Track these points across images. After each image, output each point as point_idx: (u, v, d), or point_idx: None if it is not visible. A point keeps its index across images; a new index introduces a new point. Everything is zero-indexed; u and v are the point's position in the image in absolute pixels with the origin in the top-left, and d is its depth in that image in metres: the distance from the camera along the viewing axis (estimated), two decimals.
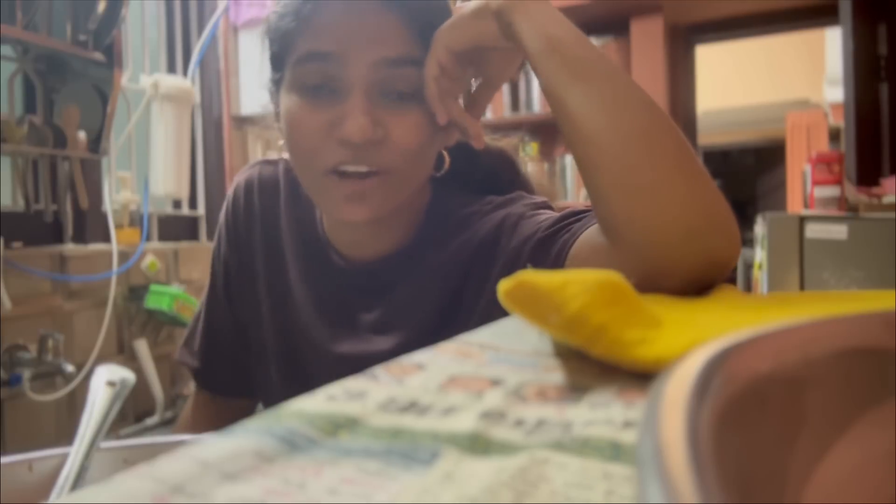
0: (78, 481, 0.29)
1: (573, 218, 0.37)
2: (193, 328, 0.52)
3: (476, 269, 0.40)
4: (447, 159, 0.42)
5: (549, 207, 0.41)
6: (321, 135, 0.37)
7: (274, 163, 0.49)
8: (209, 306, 0.51)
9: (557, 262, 0.35)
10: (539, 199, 0.42)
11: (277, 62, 0.40)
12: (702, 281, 0.30)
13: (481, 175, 0.45)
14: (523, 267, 0.36)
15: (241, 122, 1.50)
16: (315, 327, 0.44)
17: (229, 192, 0.50)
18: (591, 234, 0.35)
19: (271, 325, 0.47)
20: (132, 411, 1.19)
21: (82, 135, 1.05)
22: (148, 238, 1.24)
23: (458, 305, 0.40)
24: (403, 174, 0.38)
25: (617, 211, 0.31)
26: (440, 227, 0.42)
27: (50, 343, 0.97)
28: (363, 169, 0.37)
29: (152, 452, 0.32)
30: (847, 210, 1.11)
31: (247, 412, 0.54)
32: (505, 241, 0.39)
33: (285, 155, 0.45)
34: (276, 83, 0.40)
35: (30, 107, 1.07)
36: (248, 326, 0.49)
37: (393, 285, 0.42)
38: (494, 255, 0.39)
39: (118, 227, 1.16)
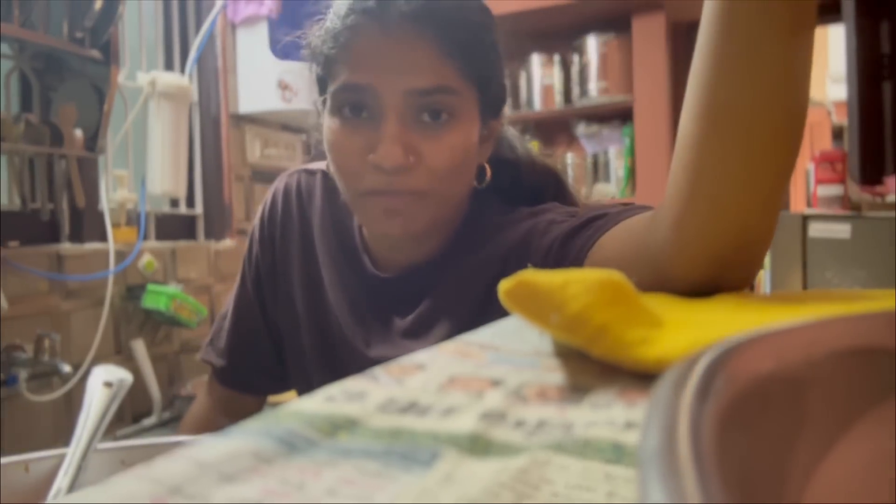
0: (75, 482, 0.29)
1: (594, 217, 0.37)
2: (219, 327, 0.53)
3: (508, 273, 0.40)
4: (489, 171, 0.43)
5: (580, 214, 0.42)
6: (358, 158, 0.39)
7: (313, 172, 0.50)
8: (238, 306, 0.52)
9: (578, 260, 0.36)
10: (571, 208, 0.43)
11: (321, 85, 0.42)
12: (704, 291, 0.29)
13: (526, 191, 0.46)
14: (550, 267, 0.36)
15: (239, 120, 1.49)
16: (351, 332, 0.46)
17: (267, 196, 0.52)
18: (615, 232, 0.35)
19: (308, 329, 0.48)
20: (129, 412, 1.19)
21: (79, 133, 1.04)
22: (145, 237, 1.24)
23: (489, 310, 0.41)
24: (439, 193, 0.40)
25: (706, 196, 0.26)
26: (474, 236, 0.43)
27: (46, 343, 0.96)
28: (395, 190, 0.39)
29: (150, 453, 0.32)
30: (850, 209, 1.10)
31: (258, 411, 0.55)
32: (536, 243, 0.40)
33: (322, 165, 0.48)
34: (321, 104, 0.42)
35: (26, 105, 1.07)
36: (282, 329, 0.50)
37: (426, 292, 0.44)
38: (526, 258, 0.39)
39: (115, 225, 1.15)
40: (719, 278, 0.27)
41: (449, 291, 0.43)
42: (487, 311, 0.41)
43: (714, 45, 0.25)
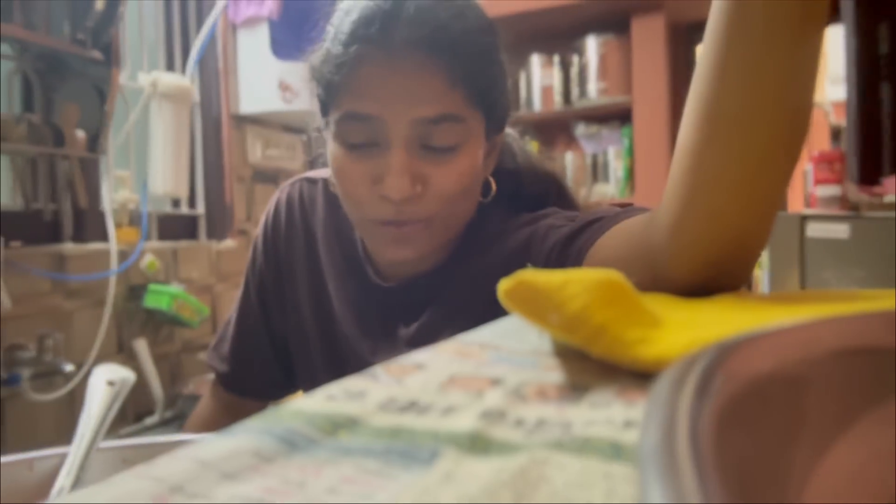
0: (77, 481, 0.29)
1: (592, 220, 0.38)
2: (224, 333, 0.54)
3: None
4: (493, 185, 0.43)
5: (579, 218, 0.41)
6: (364, 187, 0.38)
7: (314, 181, 0.50)
8: (241, 315, 0.52)
9: (577, 263, 0.36)
10: (571, 213, 0.43)
11: (323, 108, 0.41)
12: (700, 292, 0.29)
13: (528, 198, 0.46)
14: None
15: (241, 120, 1.50)
16: (356, 340, 0.46)
17: (269, 206, 0.52)
18: (613, 234, 0.35)
19: (316, 338, 0.48)
20: (131, 411, 1.19)
21: (81, 134, 1.05)
22: (147, 237, 1.24)
23: (493, 317, 0.40)
24: (447, 216, 0.40)
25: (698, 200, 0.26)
26: (476, 244, 0.43)
27: (49, 342, 0.97)
28: (405, 220, 0.38)
29: (152, 452, 0.32)
30: (848, 209, 1.10)
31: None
32: (536, 249, 0.40)
33: (323, 173, 0.47)
34: (324, 125, 0.41)
35: (28, 106, 1.07)
36: (290, 338, 0.50)
37: (430, 301, 0.44)
38: (527, 263, 0.39)
39: (117, 226, 1.16)
40: (716, 280, 0.27)
41: (453, 299, 0.43)
42: (491, 317, 0.40)
43: (720, 48, 0.24)
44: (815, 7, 0.24)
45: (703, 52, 0.26)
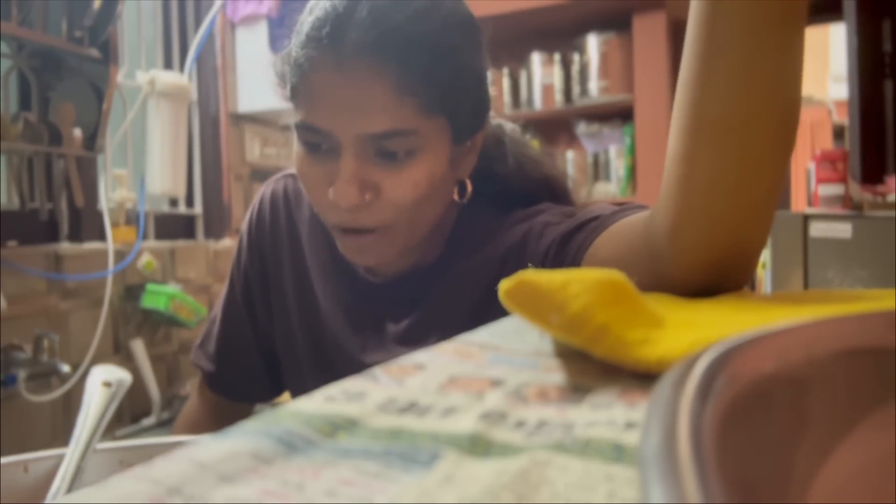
0: (74, 483, 0.29)
1: (589, 218, 0.37)
2: (209, 331, 0.53)
3: (505, 276, 0.39)
4: (469, 186, 0.42)
5: (575, 216, 0.41)
6: (321, 190, 0.38)
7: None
8: (226, 312, 0.51)
9: (575, 263, 0.36)
10: (567, 208, 0.42)
11: (292, 104, 0.40)
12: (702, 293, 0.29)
13: (518, 199, 0.44)
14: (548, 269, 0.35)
15: (239, 119, 1.49)
16: (345, 338, 0.45)
17: (254, 202, 0.51)
18: (611, 233, 0.34)
19: (303, 336, 0.47)
20: (128, 412, 1.19)
21: (78, 132, 1.04)
22: (144, 237, 1.23)
23: (487, 314, 0.40)
24: (406, 223, 0.39)
25: (699, 203, 0.26)
26: (468, 241, 0.43)
27: (45, 343, 0.96)
28: (359, 227, 0.38)
29: (149, 454, 0.32)
30: (851, 208, 1.10)
31: (249, 416, 0.54)
32: (532, 247, 0.39)
33: None
34: (292, 124, 0.41)
35: (25, 104, 1.07)
36: (277, 337, 0.50)
37: (421, 298, 0.43)
38: (522, 262, 0.39)
39: (114, 225, 1.15)
40: (717, 281, 0.27)
41: (444, 297, 0.42)
42: (485, 315, 0.40)
43: (703, 54, 0.24)
44: (795, 6, 0.23)
45: (685, 58, 0.25)
